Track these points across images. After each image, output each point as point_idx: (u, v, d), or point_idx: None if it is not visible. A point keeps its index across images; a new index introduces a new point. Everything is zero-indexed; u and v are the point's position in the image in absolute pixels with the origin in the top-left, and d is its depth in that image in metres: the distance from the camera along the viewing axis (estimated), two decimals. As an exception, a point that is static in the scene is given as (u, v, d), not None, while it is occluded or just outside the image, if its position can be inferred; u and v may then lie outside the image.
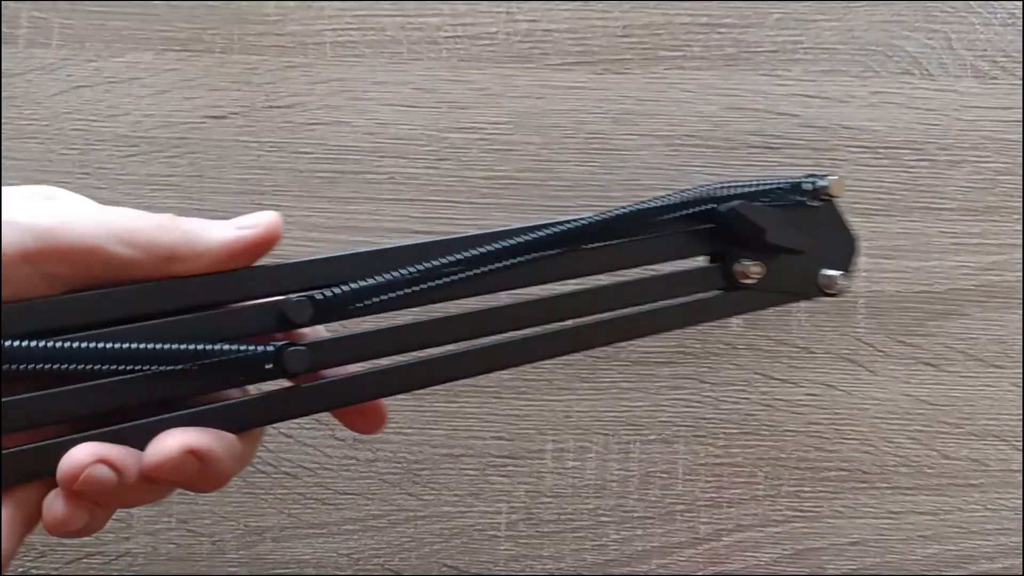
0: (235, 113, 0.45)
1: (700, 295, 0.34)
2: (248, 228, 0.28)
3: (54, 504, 0.26)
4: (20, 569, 0.42)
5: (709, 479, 0.44)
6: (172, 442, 0.26)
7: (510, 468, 0.44)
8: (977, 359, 0.45)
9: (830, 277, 0.35)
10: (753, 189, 0.34)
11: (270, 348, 0.27)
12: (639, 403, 0.44)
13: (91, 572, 0.43)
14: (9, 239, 0.25)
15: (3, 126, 0.45)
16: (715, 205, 0.33)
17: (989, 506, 0.44)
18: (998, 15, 0.47)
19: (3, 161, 0.44)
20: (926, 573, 0.44)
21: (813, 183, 0.34)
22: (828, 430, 0.45)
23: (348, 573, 0.43)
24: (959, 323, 0.45)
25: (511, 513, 0.44)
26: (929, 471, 0.44)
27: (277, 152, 0.45)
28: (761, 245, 0.33)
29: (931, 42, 0.47)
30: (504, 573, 0.43)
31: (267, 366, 0.27)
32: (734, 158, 0.46)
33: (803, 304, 0.45)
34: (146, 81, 0.45)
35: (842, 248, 0.36)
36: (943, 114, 0.46)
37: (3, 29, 0.45)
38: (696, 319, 0.34)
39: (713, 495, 0.44)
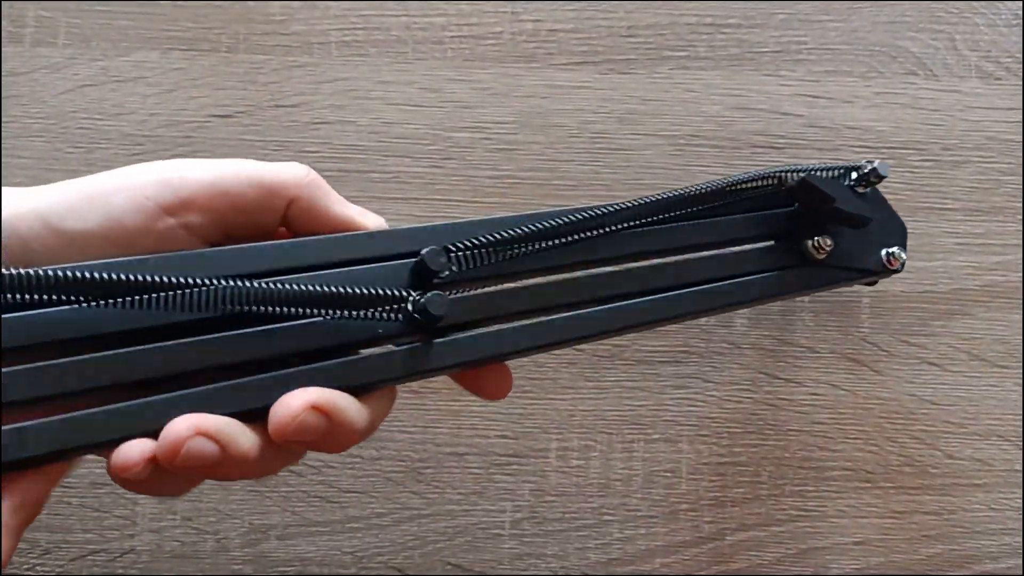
0: (240, 112, 0.45)
1: (775, 271, 0.35)
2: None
3: (139, 463, 0.24)
4: (25, 566, 0.42)
5: (713, 478, 0.44)
6: (297, 400, 0.26)
7: (514, 466, 0.44)
8: (981, 359, 0.45)
9: (893, 253, 0.38)
10: (811, 171, 0.36)
11: (409, 294, 0.28)
12: (643, 402, 0.44)
13: (95, 570, 0.43)
14: (146, 193, 0.27)
15: (9, 124, 0.45)
16: (783, 184, 0.35)
17: (993, 506, 0.44)
18: (1002, 16, 0.47)
19: (9, 159, 0.44)
20: (929, 573, 0.44)
21: (866, 167, 0.37)
22: (832, 429, 0.45)
23: (352, 571, 0.43)
24: (963, 323, 0.45)
25: (515, 511, 0.44)
26: (933, 471, 0.44)
27: (282, 151, 0.45)
28: (829, 214, 0.35)
29: (935, 43, 0.47)
30: (508, 571, 0.43)
31: (406, 310, 0.28)
32: (738, 158, 0.46)
33: (807, 303, 0.45)
34: (152, 80, 0.46)
35: (894, 229, 0.38)
36: (947, 114, 0.47)
37: (10, 28, 0.45)
38: (773, 293, 0.35)
39: (717, 494, 0.44)
